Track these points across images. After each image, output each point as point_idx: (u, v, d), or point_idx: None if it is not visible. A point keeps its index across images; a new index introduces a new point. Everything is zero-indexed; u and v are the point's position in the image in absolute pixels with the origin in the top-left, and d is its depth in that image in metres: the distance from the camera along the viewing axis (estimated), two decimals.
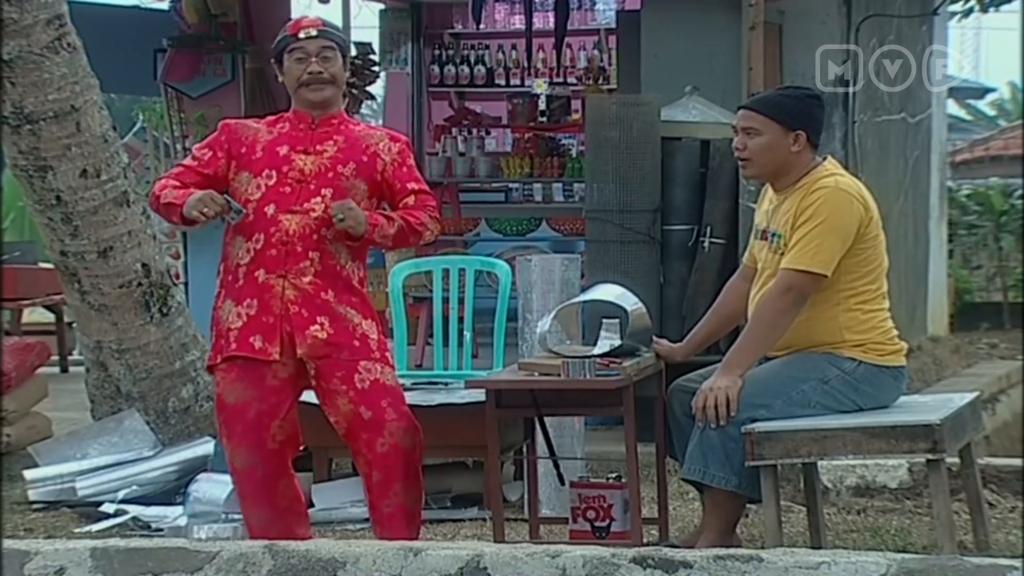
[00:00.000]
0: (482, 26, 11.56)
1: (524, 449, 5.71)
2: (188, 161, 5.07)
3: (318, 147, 4.98)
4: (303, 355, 4.90)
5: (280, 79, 5.12)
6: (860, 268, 4.99)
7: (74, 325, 8.36)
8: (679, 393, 5.10)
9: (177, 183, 4.97)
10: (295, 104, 5.08)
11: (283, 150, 4.98)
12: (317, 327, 4.89)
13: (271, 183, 4.95)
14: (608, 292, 5.34)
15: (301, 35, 5.01)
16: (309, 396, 6.53)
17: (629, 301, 5.24)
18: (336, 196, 4.91)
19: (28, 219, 13.81)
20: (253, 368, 4.91)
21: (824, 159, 5.11)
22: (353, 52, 11.73)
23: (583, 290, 6.04)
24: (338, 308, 4.92)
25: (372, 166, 5.00)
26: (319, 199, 4.92)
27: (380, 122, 12.48)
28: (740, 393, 4.89)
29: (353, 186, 4.96)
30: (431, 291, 7.11)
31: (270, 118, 5.13)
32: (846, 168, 5.28)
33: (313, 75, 4.98)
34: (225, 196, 4.90)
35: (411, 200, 5.00)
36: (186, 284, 9.03)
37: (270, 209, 4.92)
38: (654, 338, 5.33)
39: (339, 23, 12.24)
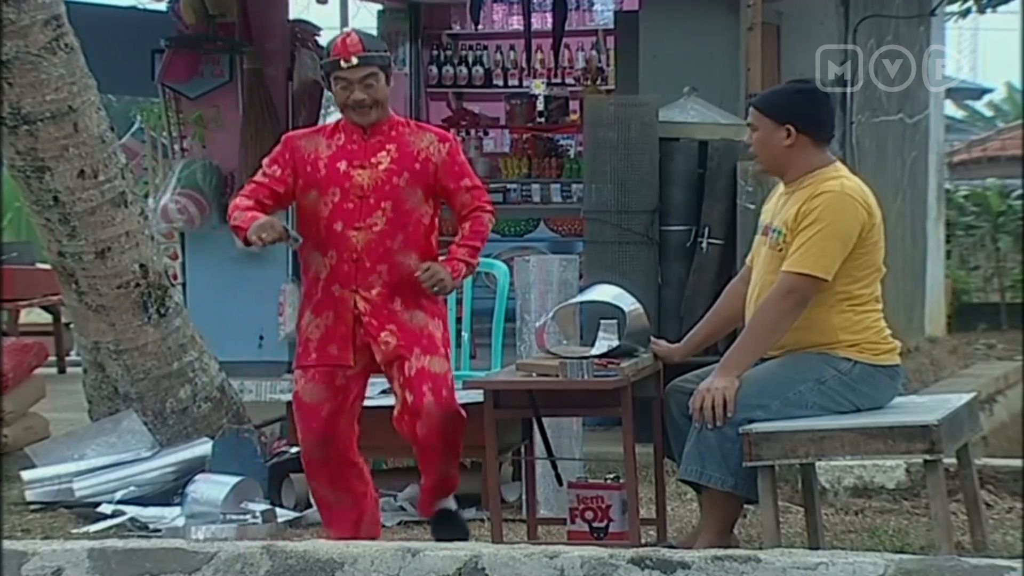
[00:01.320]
0: (480, 27, 11.56)
1: (522, 450, 5.71)
2: (259, 177, 5.30)
3: (372, 159, 5.23)
4: (380, 361, 5.24)
5: (330, 93, 5.43)
6: (855, 272, 4.99)
7: (72, 326, 8.36)
8: (676, 394, 5.10)
9: (250, 201, 5.21)
10: (345, 117, 5.31)
11: (342, 166, 5.22)
12: (387, 333, 5.22)
13: (336, 200, 5.20)
14: (606, 293, 5.34)
15: (343, 64, 5.18)
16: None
17: (627, 302, 5.24)
18: (395, 208, 5.20)
19: (25, 219, 13.80)
20: (327, 371, 5.27)
21: (832, 160, 5.12)
22: None
23: (581, 291, 6.04)
24: (403, 315, 5.24)
25: (425, 171, 5.25)
26: (380, 213, 5.20)
27: None
28: (737, 394, 4.90)
29: (410, 195, 5.24)
30: None
31: (327, 127, 5.36)
32: None
33: (358, 102, 5.20)
34: (284, 225, 5.14)
35: (467, 198, 5.32)
36: (184, 285, 9.03)
37: (339, 226, 5.20)
38: (652, 338, 5.33)
39: (337, 23, 12.24)
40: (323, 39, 9.90)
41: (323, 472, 5.35)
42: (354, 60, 5.17)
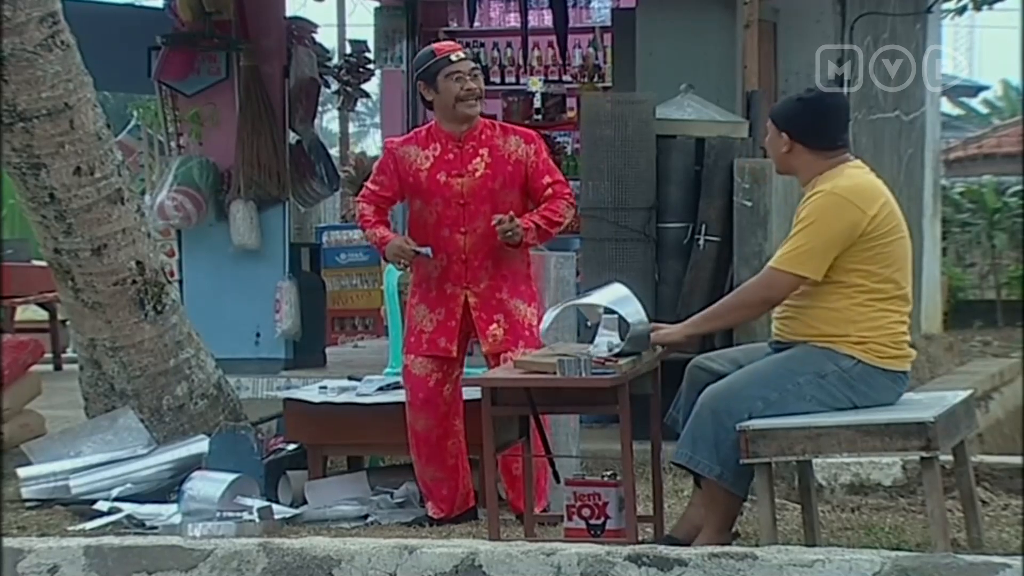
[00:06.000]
0: (477, 24, 11.56)
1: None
2: (371, 185, 5.91)
3: (469, 167, 5.79)
4: (486, 352, 5.82)
5: (429, 98, 5.82)
6: (867, 265, 5.00)
7: (68, 323, 8.34)
8: (696, 370, 5.14)
9: (371, 207, 5.88)
10: (442, 122, 5.82)
11: (442, 177, 5.79)
12: (495, 325, 5.81)
13: (440, 208, 5.80)
14: (610, 296, 5.25)
15: (453, 58, 5.77)
16: (302, 394, 6.55)
17: (629, 309, 5.17)
18: (494, 209, 5.74)
19: (21, 216, 13.79)
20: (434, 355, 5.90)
21: (846, 160, 5.16)
22: (348, 50, 11.76)
23: (579, 289, 6.03)
24: (509, 303, 5.82)
25: (517, 173, 5.82)
26: (481, 217, 5.77)
27: (376, 120, 12.45)
28: (737, 387, 4.92)
29: (506, 196, 5.79)
30: None
31: (420, 134, 5.88)
32: None
33: (470, 91, 5.75)
34: (412, 248, 5.75)
35: (549, 192, 5.81)
36: (180, 282, 9.01)
37: (446, 232, 5.81)
38: (653, 323, 5.32)
39: (334, 21, 12.23)
40: (320, 36, 9.91)
41: (425, 443, 5.85)
42: (461, 55, 5.78)
